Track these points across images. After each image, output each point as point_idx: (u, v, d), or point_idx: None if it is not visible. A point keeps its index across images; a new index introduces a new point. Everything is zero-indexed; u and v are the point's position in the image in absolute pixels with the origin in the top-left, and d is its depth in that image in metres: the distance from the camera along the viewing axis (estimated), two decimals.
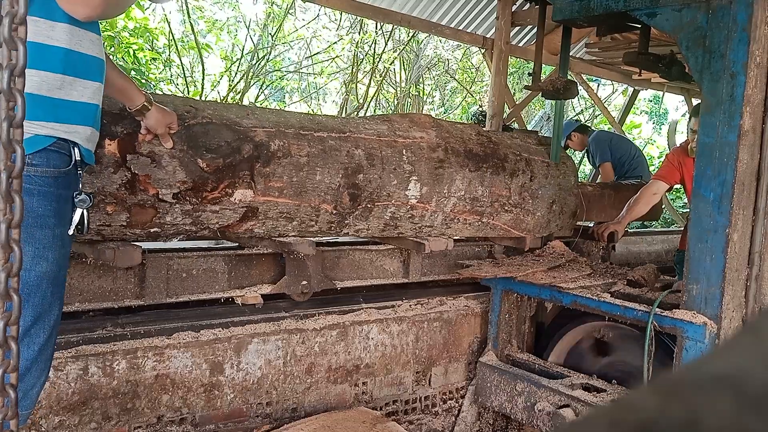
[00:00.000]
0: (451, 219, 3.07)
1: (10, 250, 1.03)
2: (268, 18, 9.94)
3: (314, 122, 2.65)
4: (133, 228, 2.25)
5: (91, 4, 1.48)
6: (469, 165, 3.04)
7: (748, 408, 0.27)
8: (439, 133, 3.01)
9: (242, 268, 2.91)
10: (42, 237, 1.54)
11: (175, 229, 2.36)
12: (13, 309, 1.03)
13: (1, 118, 1.00)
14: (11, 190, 1.02)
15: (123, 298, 2.58)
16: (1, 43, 1.00)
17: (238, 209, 2.40)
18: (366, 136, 2.71)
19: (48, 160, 1.54)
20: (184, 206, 2.28)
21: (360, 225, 2.78)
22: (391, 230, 2.93)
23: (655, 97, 14.29)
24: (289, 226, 2.60)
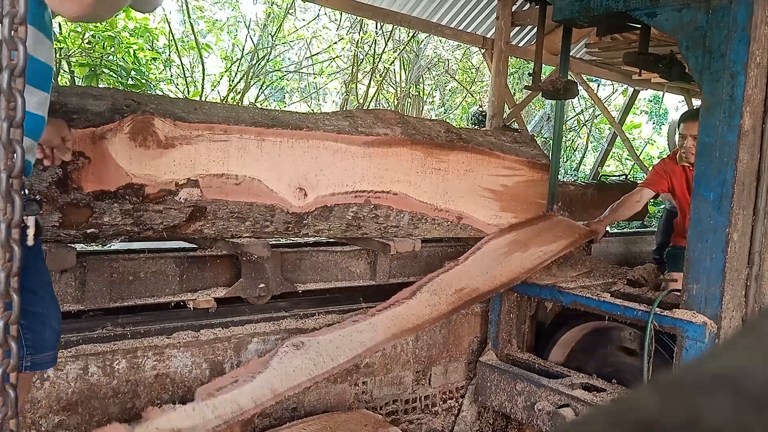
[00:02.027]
0: (418, 219, 3.00)
1: (11, 250, 1.03)
2: (268, 18, 9.94)
3: (269, 117, 2.54)
4: (66, 228, 2.15)
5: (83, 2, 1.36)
6: None
7: (748, 408, 0.27)
8: (404, 129, 2.92)
9: (195, 270, 2.81)
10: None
11: (115, 230, 2.26)
12: (13, 309, 1.03)
13: (0, 117, 1.00)
14: (11, 190, 1.02)
15: (62, 302, 2.35)
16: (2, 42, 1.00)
17: (184, 209, 2.31)
18: (325, 132, 2.63)
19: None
20: (124, 206, 2.19)
21: (320, 225, 2.71)
22: (354, 231, 2.85)
23: (655, 97, 14.29)
24: (242, 226, 2.52)
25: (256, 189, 2.47)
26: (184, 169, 2.30)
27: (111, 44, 6.84)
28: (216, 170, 2.37)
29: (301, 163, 2.57)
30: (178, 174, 2.28)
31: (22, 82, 1.03)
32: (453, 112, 12.64)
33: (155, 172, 2.24)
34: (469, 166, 3.14)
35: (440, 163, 3.01)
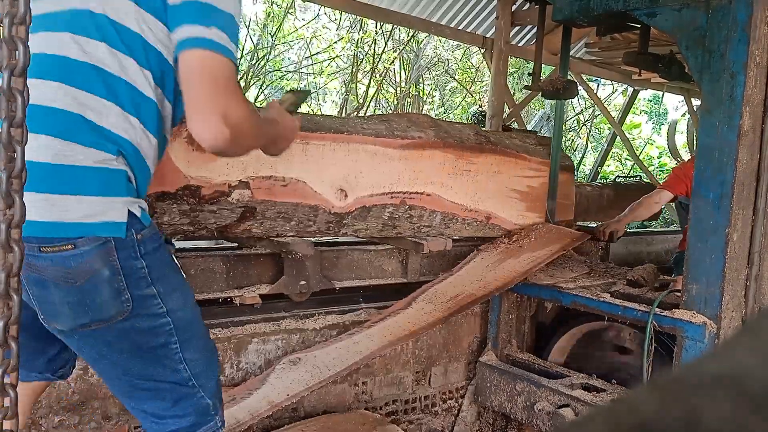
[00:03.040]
0: (449, 219, 3.08)
1: (10, 250, 1.03)
2: (268, 18, 9.94)
3: (312, 122, 2.68)
4: None
5: (221, 133, 1.34)
6: None
7: (748, 408, 0.27)
8: (437, 132, 3.01)
9: (240, 268, 2.92)
10: (177, 281, 1.58)
11: (173, 229, 2.37)
12: (13, 309, 1.03)
13: (2, 117, 1.00)
14: (11, 190, 1.02)
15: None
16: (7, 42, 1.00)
17: (236, 209, 2.42)
18: (364, 136, 2.75)
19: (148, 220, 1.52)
20: (182, 206, 2.30)
21: (359, 225, 2.80)
22: (389, 230, 2.95)
23: (654, 97, 14.29)
24: (287, 226, 2.62)
25: (301, 190, 2.58)
26: (236, 171, 2.41)
27: None
28: (265, 172, 2.49)
29: (342, 166, 2.69)
30: (230, 176, 2.40)
31: (22, 82, 1.03)
32: (453, 112, 12.64)
33: (210, 174, 2.36)
34: (497, 168, 3.25)
35: (470, 165, 3.12)
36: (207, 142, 1.37)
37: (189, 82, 1.38)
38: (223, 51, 1.40)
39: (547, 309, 3.68)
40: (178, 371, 1.54)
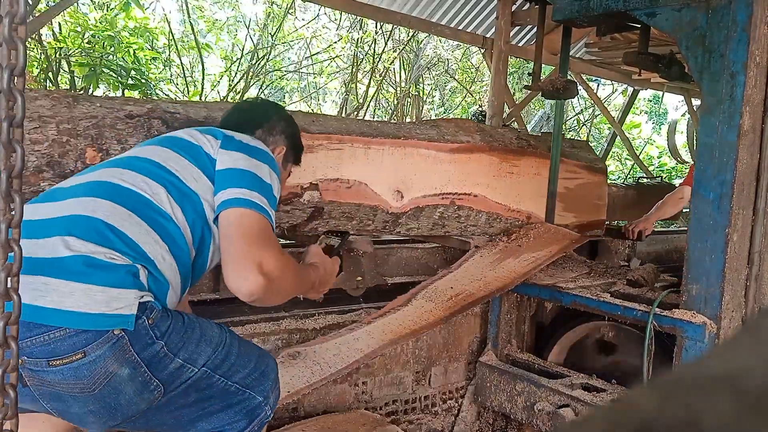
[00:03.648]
0: (494, 218, 3.28)
1: (10, 249, 1.03)
2: (268, 18, 9.94)
3: (372, 128, 2.89)
4: None
5: (255, 283, 1.43)
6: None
7: (747, 408, 0.27)
8: (483, 137, 3.26)
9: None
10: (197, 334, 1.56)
11: None
12: (13, 309, 1.03)
13: (2, 117, 1.00)
14: (11, 190, 1.02)
15: (200, 291, 2.86)
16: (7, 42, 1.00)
17: (307, 209, 2.65)
18: (419, 141, 2.97)
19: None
20: None
21: (411, 224, 3.02)
22: (438, 229, 3.15)
23: (654, 96, 14.29)
24: (349, 225, 2.84)
25: (363, 192, 2.80)
26: (307, 174, 2.62)
27: (111, 44, 6.84)
28: (332, 175, 2.71)
29: (399, 168, 2.90)
30: (302, 179, 2.60)
31: (22, 82, 1.03)
32: (453, 112, 12.64)
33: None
34: (537, 170, 3.46)
35: (513, 167, 3.34)
36: (243, 291, 1.44)
37: (228, 237, 1.48)
38: (261, 210, 1.51)
39: (547, 309, 3.68)
40: (229, 394, 1.57)
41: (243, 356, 1.62)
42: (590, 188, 3.73)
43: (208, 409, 1.56)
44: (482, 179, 3.18)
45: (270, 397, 1.69)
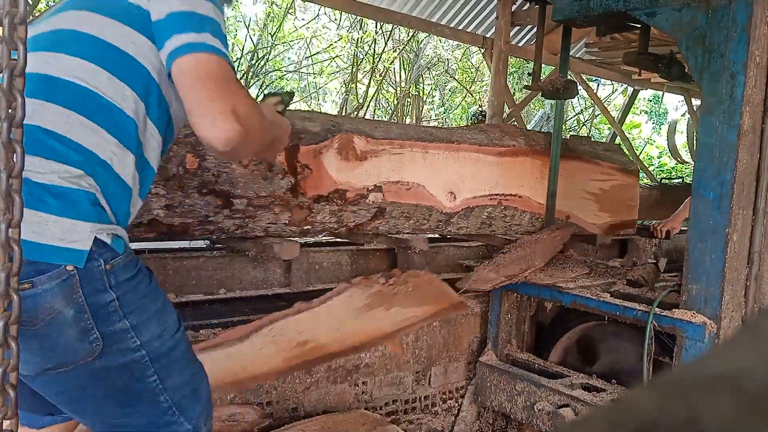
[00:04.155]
0: (536, 218, 3.50)
1: (10, 249, 1.03)
2: (268, 18, 9.94)
3: (428, 133, 3.12)
4: (291, 226, 2.68)
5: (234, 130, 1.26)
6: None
7: (747, 408, 0.27)
8: (526, 141, 3.48)
9: (361, 261, 3.37)
10: (155, 308, 1.43)
11: (321, 227, 2.79)
12: (13, 309, 1.03)
13: (5, 117, 1.00)
14: (11, 190, 1.02)
15: (272, 286, 3.05)
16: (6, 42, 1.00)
17: (371, 209, 2.85)
18: (470, 145, 3.19)
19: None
20: (332, 207, 2.71)
21: (462, 224, 3.24)
22: (485, 228, 3.38)
23: (654, 96, 14.29)
24: (406, 224, 3.05)
25: (420, 193, 3.00)
26: (372, 177, 2.82)
27: None
28: (394, 178, 2.91)
29: (452, 171, 3.10)
30: (368, 181, 2.81)
31: (22, 82, 1.03)
32: (453, 112, 12.65)
33: (353, 180, 2.77)
34: (574, 173, 3.66)
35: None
36: (220, 141, 1.28)
37: (189, 87, 1.31)
38: (218, 52, 1.33)
39: (547, 309, 3.68)
40: (158, 403, 1.41)
41: (184, 361, 1.48)
42: (623, 189, 3.92)
43: (132, 420, 1.40)
44: (526, 181, 3.41)
45: (202, 428, 1.50)
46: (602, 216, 3.80)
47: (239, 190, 2.45)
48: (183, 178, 2.32)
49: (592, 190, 3.75)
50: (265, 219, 2.54)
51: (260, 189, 2.50)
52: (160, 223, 2.33)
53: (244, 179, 2.46)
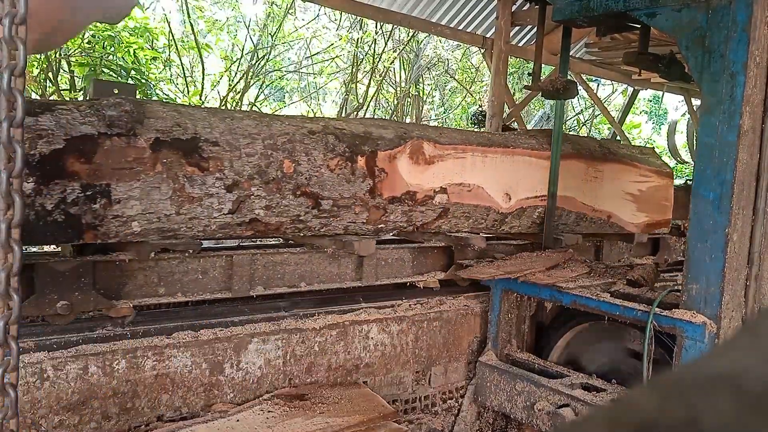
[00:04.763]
0: (581, 218, 3.76)
1: (10, 250, 1.03)
2: (268, 18, 9.94)
3: (486, 138, 3.42)
4: (367, 224, 2.94)
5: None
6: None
7: (747, 407, 0.27)
8: (573, 146, 3.77)
9: (421, 258, 3.54)
10: None
11: (393, 225, 3.06)
12: (13, 309, 1.03)
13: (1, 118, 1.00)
14: (11, 190, 1.02)
15: (345, 280, 3.24)
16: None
17: (437, 209, 3.14)
18: (524, 149, 3.47)
19: None
20: (403, 207, 2.99)
21: (514, 223, 3.53)
22: (534, 227, 3.65)
23: (654, 96, 14.29)
24: (465, 223, 3.32)
25: (480, 194, 3.29)
26: (439, 180, 3.10)
27: (111, 44, 6.84)
28: (457, 180, 3.18)
29: (507, 174, 3.38)
30: (435, 183, 3.09)
31: (22, 82, 1.03)
32: (453, 112, 12.65)
33: (422, 182, 3.05)
34: (616, 175, 3.91)
35: (597, 173, 3.84)
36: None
37: None
38: None
39: (547, 309, 3.68)
40: None
41: None
42: (659, 190, 4.17)
43: None
44: (572, 183, 3.67)
45: None
46: (639, 216, 4.06)
47: (327, 191, 2.74)
48: (281, 182, 2.60)
49: (631, 191, 4.01)
50: (346, 218, 2.84)
51: (344, 191, 2.80)
52: (260, 222, 2.61)
53: (331, 182, 2.75)
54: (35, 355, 2.27)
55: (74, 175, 2.15)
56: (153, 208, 2.34)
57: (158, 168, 2.32)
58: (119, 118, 2.27)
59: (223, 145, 2.48)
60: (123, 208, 2.26)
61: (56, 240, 2.24)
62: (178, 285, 2.71)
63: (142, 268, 2.61)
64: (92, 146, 2.18)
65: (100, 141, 2.20)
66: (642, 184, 4.06)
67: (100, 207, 2.21)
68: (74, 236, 2.22)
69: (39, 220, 2.09)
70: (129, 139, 2.26)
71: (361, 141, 2.86)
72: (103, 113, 2.25)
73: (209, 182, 2.43)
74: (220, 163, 2.46)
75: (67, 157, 2.14)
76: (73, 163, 2.15)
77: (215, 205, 2.47)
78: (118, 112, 2.28)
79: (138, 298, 2.60)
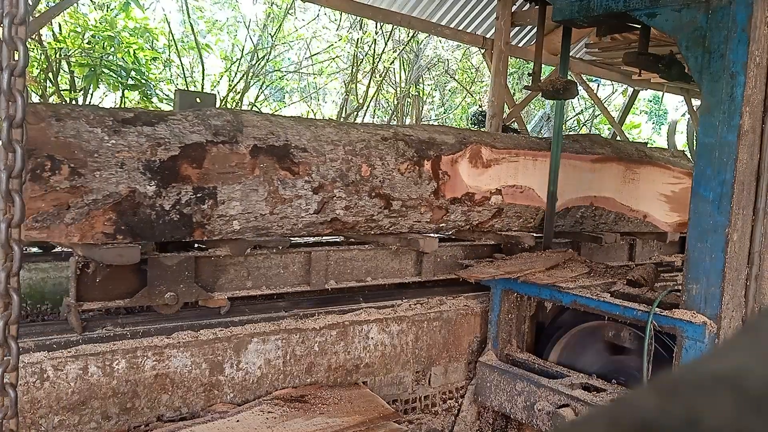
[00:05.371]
0: (619, 217, 4.00)
1: (10, 250, 1.03)
2: (268, 18, 9.94)
3: (534, 143, 3.71)
4: (430, 224, 3.19)
5: None
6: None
7: (747, 407, 0.27)
8: (613, 149, 4.04)
9: (472, 255, 3.72)
10: None
11: (452, 225, 3.31)
12: (13, 309, 1.03)
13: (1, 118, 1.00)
14: (11, 190, 1.02)
15: (405, 275, 3.43)
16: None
17: (492, 209, 3.42)
18: (570, 153, 3.74)
19: None
20: (462, 208, 3.26)
21: (560, 222, 3.80)
22: (577, 226, 3.95)
23: (654, 97, 14.29)
24: (516, 223, 3.58)
25: (531, 195, 3.54)
26: (494, 182, 3.37)
27: (111, 44, 6.84)
28: (510, 182, 3.44)
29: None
30: (491, 185, 3.36)
31: (22, 82, 1.03)
32: (453, 112, 12.65)
33: (480, 184, 3.31)
34: (651, 177, 4.14)
35: (634, 175, 4.07)
36: None
37: None
38: None
39: (547, 309, 3.68)
40: None
41: None
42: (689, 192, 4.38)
43: None
44: (612, 185, 3.93)
45: None
46: (672, 215, 4.27)
47: (397, 193, 3.00)
48: (359, 184, 2.85)
49: (665, 192, 4.24)
50: (412, 218, 3.10)
51: (412, 192, 3.05)
52: (339, 221, 2.87)
53: (401, 184, 3.01)
54: (35, 355, 2.27)
55: (187, 179, 2.39)
56: (251, 209, 2.59)
57: (256, 172, 2.57)
58: (223, 127, 2.52)
59: (311, 151, 2.74)
60: (226, 208, 2.51)
61: (172, 236, 2.47)
62: (263, 279, 2.94)
63: (234, 264, 2.85)
64: (201, 153, 2.43)
65: (208, 148, 2.45)
66: (675, 185, 4.27)
67: (208, 207, 2.46)
68: (186, 233, 2.48)
69: (159, 218, 2.36)
70: (232, 146, 2.51)
71: (427, 146, 3.13)
72: (209, 123, 2.50)
73: (299, 185, 2.69)
74: (308, 167, 2.71)
75: (181, 163, 2.39)
76: (186, 168, 2.39)
77: (303, 205, 2.73)
78: (221, 121, 2.53)
79: (230, 291, 2.83)
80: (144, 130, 2.34)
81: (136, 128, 2.33)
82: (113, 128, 2.28)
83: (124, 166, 2.25)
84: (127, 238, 2.32)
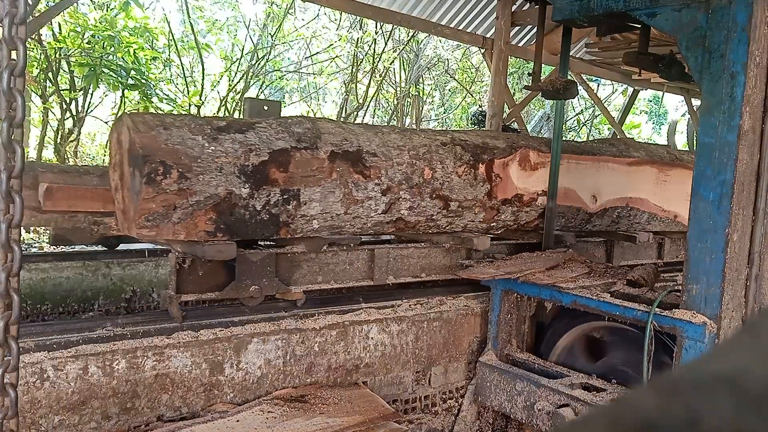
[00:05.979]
0: (652, 217, 4.19)
1: (10, 250, 1.03)
2: (267, 18, 9.94)
3: (575, 147, 3.92)
4: (482, 223, 3.41)
5: None
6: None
7: (747, 407, 0.27)
8: (646, 152, 4.26)
9: (516, 252, 3.89)
10: None
11: (502, 224, 3.53)
12: (13, 309, 1.03)
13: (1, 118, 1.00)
14: (11, 190, 1.02)
15: (456, 272, 3.59)
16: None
17: (538, 210, 3.63)
18: (606, 156, 3.95)
19: None
20: (512, 208, 3.46)
21: (597, 222, 4.01)
22: (613, 226, 4.14)
23: (654, 97, 14.29)
24: (558, 222, 3.77)
25: (572, 196, 3.78)
26: (541, 183, 3.57)
27: (111, 44, 6.84)
28: None
29: (594, 179, 3.87)
30: (538, 187, 3.56)
31: (22, 82, 1.03)
32: (453, 112, 12.65)
33: (528, 186, 3.52)
34: (681, 179, 4.27)
35: (666, 176, 4.26)
36: None
37: None
38: None
39: (548, 309, 3.68)
40: None
41: None
42: None
43: None
44: (646, 186, 4.12)
45: None
46: None
47: (455, 194, 3.20)
48: (421, 186, 3.07)
49: None
50: (467, 217, 3.29)
51: (468, 194, 3.25)
52: (402, 221, 3.10)
53: (458, 186, 3.20)
54: (35, 355, 2.27)
55: (275, 182, 2.61)
56: (328, 209, 2.81)
57: (333, 175, 2.79)
58: (304, 134, 2.74)
59: (380, 156, 2.95)
60: (307, 209, 2.73)
61: (262, 234, 2.71)
62: (331, 274, 3.18)
63: (307, 260, 3.08)
64: (287, 158, 2.65)
65: (293, 153, 2.67)
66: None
67: (292, 208, 2.68)
68: (274, 232, 2.71)
69: (252, 218, 2.59)
70: (312, 152, 2.73)
71: (481, 150, 3.32)
72: (292, 130, 2.73)
73: (369, 187, 2.91)
74: (378, 171, 2.93)
75: (270, 167, 2.61)
76: (274, 172, 2.61)
77: (372, 206, 2.94)
78: (302, 129, 2.76)
79: (304, 285, 3.06)
80: (237, 137, 2.56)
81: (230, 135, 2.55)
82: (211, 136, 2.51)
83: (222, 170, 2.48)
84: (225, 236, 2.56)
